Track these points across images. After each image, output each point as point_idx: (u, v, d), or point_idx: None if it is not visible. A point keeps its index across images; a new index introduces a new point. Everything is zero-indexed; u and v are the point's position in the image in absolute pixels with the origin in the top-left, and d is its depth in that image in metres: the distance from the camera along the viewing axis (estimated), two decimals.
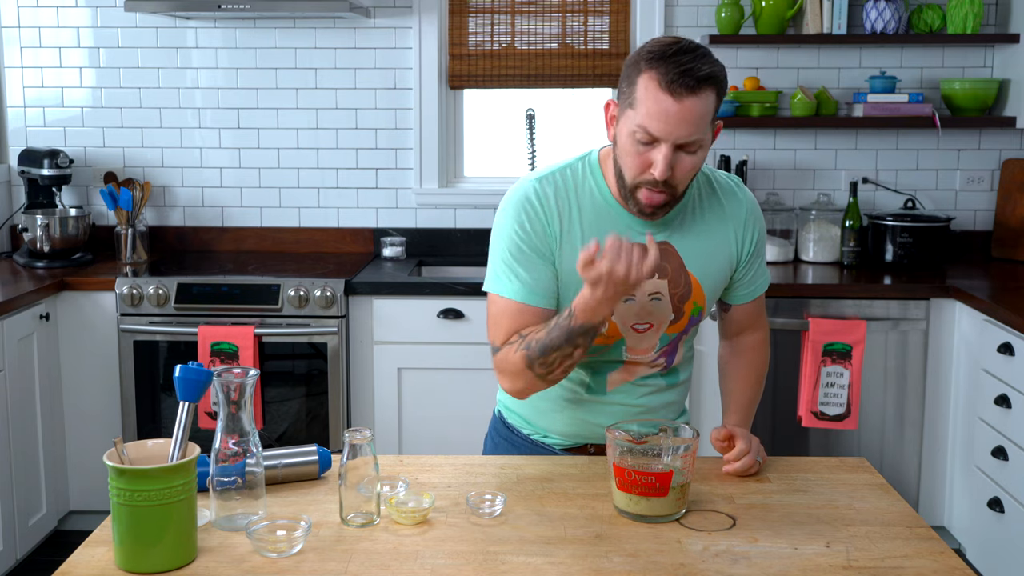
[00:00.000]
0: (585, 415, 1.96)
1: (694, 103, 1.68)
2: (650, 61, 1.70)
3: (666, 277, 1.85)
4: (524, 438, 2.04)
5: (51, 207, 3.92)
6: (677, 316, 1.88)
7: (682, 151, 1.73)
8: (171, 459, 1.53)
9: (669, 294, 1.86)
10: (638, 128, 1.71)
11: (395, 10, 3.94)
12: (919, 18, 3.81)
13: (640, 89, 1.70)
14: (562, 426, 1.98)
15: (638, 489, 1.64)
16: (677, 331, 1.90)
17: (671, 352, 1.94)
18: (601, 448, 1.98)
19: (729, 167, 3.82)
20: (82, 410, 3.57)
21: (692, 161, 1.74)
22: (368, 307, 3.48)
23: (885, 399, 3.49)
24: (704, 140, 1.74)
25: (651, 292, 1.85)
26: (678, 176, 1.75)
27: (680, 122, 1.69)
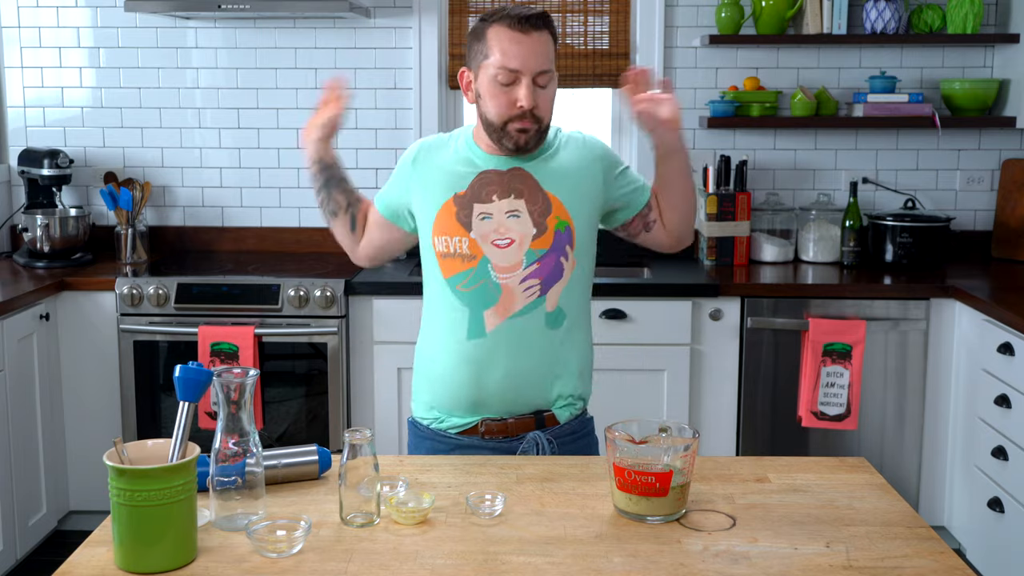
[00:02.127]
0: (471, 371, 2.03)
1: (540, 37, 1.98)
2: (491, 18, 2.00)
3: (522, 197, 2.04)
4: (427, 430, 2.12)
5: (51, 207, 3.92)
6: (540, 230, 2.04)
7: (537, 85, 1.98)
8: (171, 459, 1.53)
9: (528, 211, 2.04)
10: (499, 71, 1.98)
11: (395, 10, 3.94)
12: (919, 18, 3.81)
13: (491, 39, 1.99)
14: (453, 393, 2.06)
15: (638, 489, 1.64)
16: (545, 246, 2.04)
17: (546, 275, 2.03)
18: (491, 427, 2.06)
19: (729, 167, 3.82)
20: (82, 410, 3.57)
21: (548, 93, 2.02)
22: (368, 307, 3.48)
23: (885, 399, 3.49)
24: (552, 75, 2.01)
25: (508, 210, 2.04)
26: (541, 106, 2.00)
27: (533, 53, 1.97)
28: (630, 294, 3.42)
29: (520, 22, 1.97)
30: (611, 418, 3.56)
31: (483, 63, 2.01)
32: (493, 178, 2.05)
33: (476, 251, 2.03)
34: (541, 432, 2.06)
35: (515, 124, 1.99)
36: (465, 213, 2.04)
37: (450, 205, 2.06)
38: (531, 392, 2.05)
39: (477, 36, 2.03)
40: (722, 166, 3.83)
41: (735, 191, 3.80)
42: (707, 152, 3.97)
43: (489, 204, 2.04)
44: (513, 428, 2.06)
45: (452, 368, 2.05)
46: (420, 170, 2.12)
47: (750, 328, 3.44)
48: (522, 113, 1.98)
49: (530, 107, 1.97)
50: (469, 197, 2.05)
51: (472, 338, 2.03)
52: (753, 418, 3.50)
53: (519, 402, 2.05)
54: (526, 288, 2.02)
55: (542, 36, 1.98)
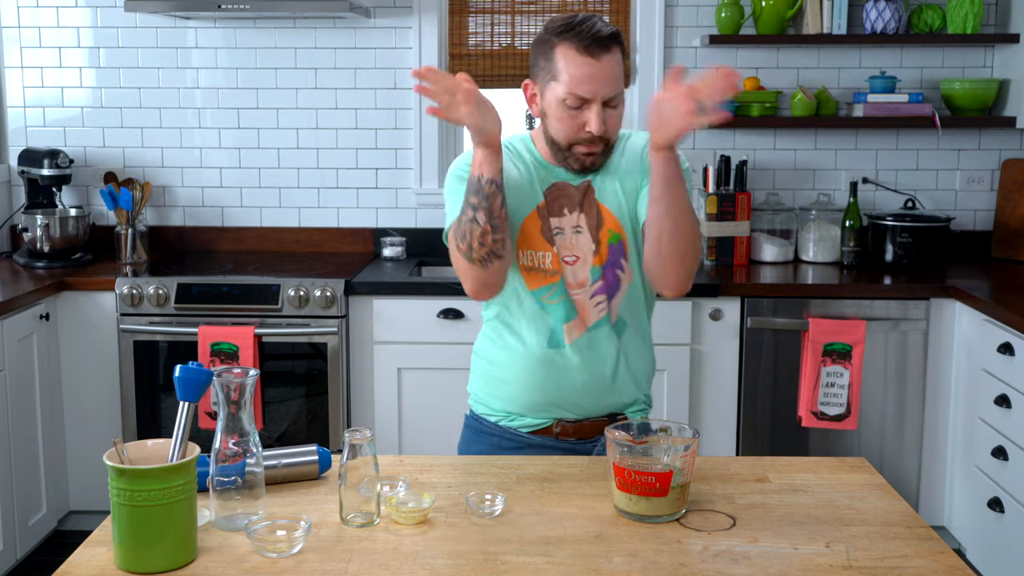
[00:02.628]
0: (549, 378, 2.01)
1: (610, 60, 1.90)
2: (560, 35, 1.90)
3: (583, 211, 2.00)
4: (492, 426, 2.09)
5: (51, 207, 3.92)
6: (596, 246, 1.99)
7: (608, 107, 1.91)
8: (171, 459, 1.53)
9: (587, 226, 2.00)
10: (568, 95, 1.89)
11: (395, 10, 3.94)
12: (919, 18, 3.81)
13: (560, 61, 1.90)
14: (529, 396, 2.03)
15: (638, 489, 1.64)
16: (600, 262, 1.99)
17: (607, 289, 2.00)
18: (566, 428, 2.04)
19: (729, 167, 3.82)
20: (82, 410, 3.57)
21: (617, 114, 1.94)
22: (368, 307, 3.48)
23: (885, 399, 3.49)
24: (622, 94, 1.94)
25: (574, 225, 2.00)
26: (610, 129, 1.93)
27: (603, 80, 1.89)
28: None
29: (590, 46, 1.87)
30: None
31: (551, 83, 1.92)
32: (566, 190, 2.00)
33: (557, 266, 1.99)
34: None
35: (582, 147, 1.94)
36: (548, 227, 1.99)
37: (535, 218, 1.99)
38: (606, 399, 2.05)
39: (544, 52, 1.93)
40: (722, 166, 3.83)
41: (735, 191, 3.80)
42: (707, 152, 3.97)
43: (561, 218, 2.00)
44: (588, 430, 2.05)
45: (529, 373, 2.03)
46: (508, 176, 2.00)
47: (750, 328, 3.44)
48: (590, 138, 1.92)
49: (599, 133, 1.91)
50: (547, 210, 2.00)
51: (552, 347, 2.01)
52: (753, 418, 3.50)
53: (595, 407, 2.05)
54: (596, 304, 2.00)
55: (613, 58, 1.90)
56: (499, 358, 2.07)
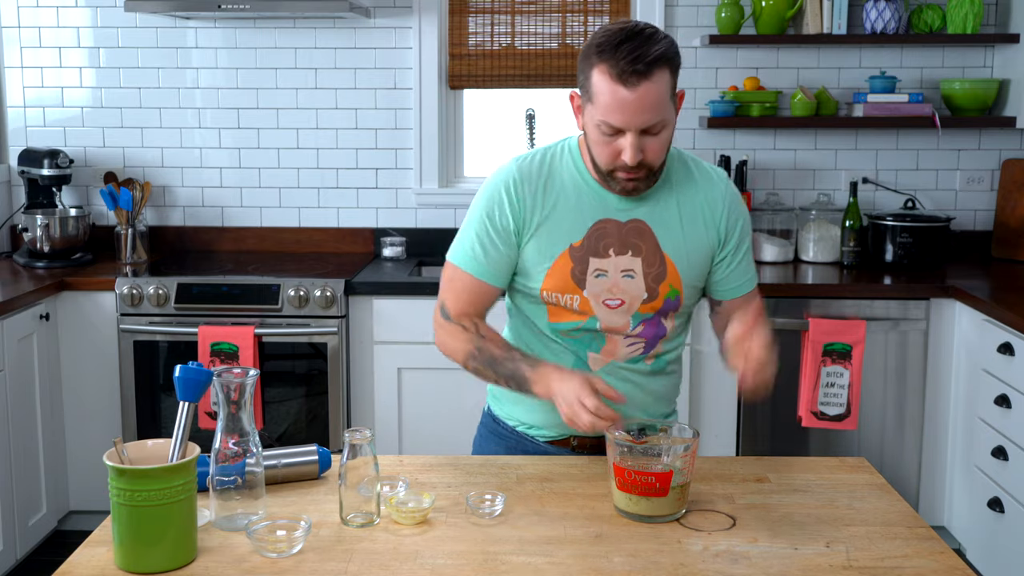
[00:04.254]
0: None
1: (648, 88, 1.73)
2: (600, 54, 1.74)
3: (640, 256, 1.88)
4: (510, 430, 2.06)
5: (51, 207, 3.92)
6: (651, 296, 1.90)
7: (647, 134, 1.77)
8: (171, 459, 1.53)
9: (643, 273, 1.89)
10: (601, 122, 1.76)
11: (395, 10, 3.94)
12: (919, 18, 3.81)
13: (595, 83, 1.75)
14: (544, 413, 1.97)
15: (638, 489, 1.64)
16: (652, 311, 1.91)
17: (650, 335, 1.93)
18: (584, 442, 1.99)
19: (729, 167, 3.82)
20: (82, 410, 3.57)
21: (659, 141, 1.79)
22: (368, 307, 3.48)
23: (885, 399, 3.49)
24: (667, 119, 1.78)
25: (624, 269, 1.88)
26: (650, 156, 1.79)
27: (638, 110, 1.73)
28: None
29: (624, 73, 1.71)
30: None
31: (588, 105, 1.79)
32: (611, 230, 1.87)
33: (586, 309, 1.89)
34: None
35: (621, 174, 1.81)
36: (580, 269, 1.87)
37: (566, 258, 1.87)
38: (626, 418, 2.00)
39: (584, 68, 1.79)
40: (722, 166, 3.83)
41: None
42: (707, 152, 3.97)
43: (605, 260, 1.87)
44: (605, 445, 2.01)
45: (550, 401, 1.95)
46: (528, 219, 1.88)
47: None
48: (627, 166, 1.78)
49: (633, 163, 1.77)
50: (585, 250, 1.87)
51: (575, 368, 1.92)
52: (753, 418, 3.50)
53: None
54: (630, 344, 1.93)
55: (653, 85, 1.72)
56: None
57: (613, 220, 1.88)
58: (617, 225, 1.87)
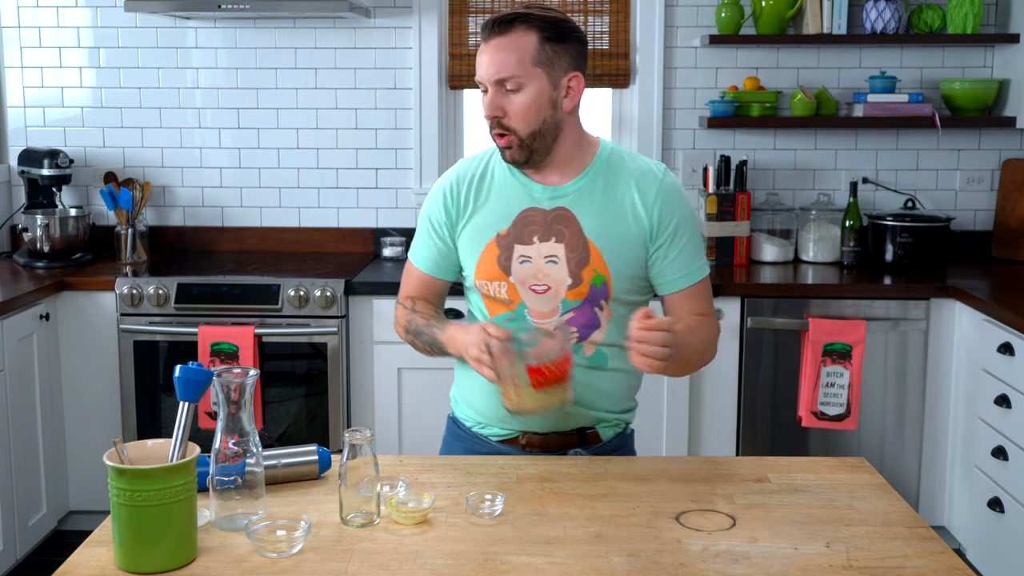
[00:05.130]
0: None
1: (500, 41, 1.85)
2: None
3: (563, 241, 1.93)
4: (467, 431, 2.08)
5: (51, 207, 3.92)
6: (575, 281, 1.94)
7: (507, 90, 1.86)
8: (171, 459, 1.53)
9: (566, 258, 1.93)
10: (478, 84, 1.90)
11: (395, 10, 3.94)
12: (919, 18, 3.81)
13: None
14: (496, 406, 1.98)
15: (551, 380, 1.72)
16: (579, 297, 1.94)
17: (581, 324, 1.95)
18: (532, 440, 2.01)
19: (729, 167, 3.82)
20: (82, 410, 3.57)
21: (520, 100, 1.87)
22: (368, 307, 3.48)
23: (885, 399, 3.49)
24: (525, 79, 1.86)
25: (547, 255, 1.94)
26: (511, 116, 1.88)
27: (491, 61, 1.85)
28: None
29: (484, 28, 1.87)
30: None
31: None
32: (536, 217, 1.94)
33: (514, 296, 1.95)
34: (583, 449, 2.01)
35: (495, 138, 1.92)
36: (506, 256, 1.95)
37: (492, 247, 1.96)
38: (573, 418, 2.00)
39: None
40: (722, 166, 3.83)
41: (735, 191, 3.80)
42: (707, 152, 3.97)
43: (529, 247, 1.94)
44: (554, 443, 2.01)
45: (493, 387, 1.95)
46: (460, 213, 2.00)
47: (750, 328, 3.44)
48: (490, 123, 1.89)
49: (488, 115, 1.87)
50: (511, 238, 1.95)
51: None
52: (753, 418, 3.50)
53: (559, 424, 2.00)
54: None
55: (507, 39, 1.85)
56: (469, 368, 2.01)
57: (539, 209, 1.95)
58: (542, 213, 1.94)
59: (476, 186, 2.00)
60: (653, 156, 3.95)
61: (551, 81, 1.88)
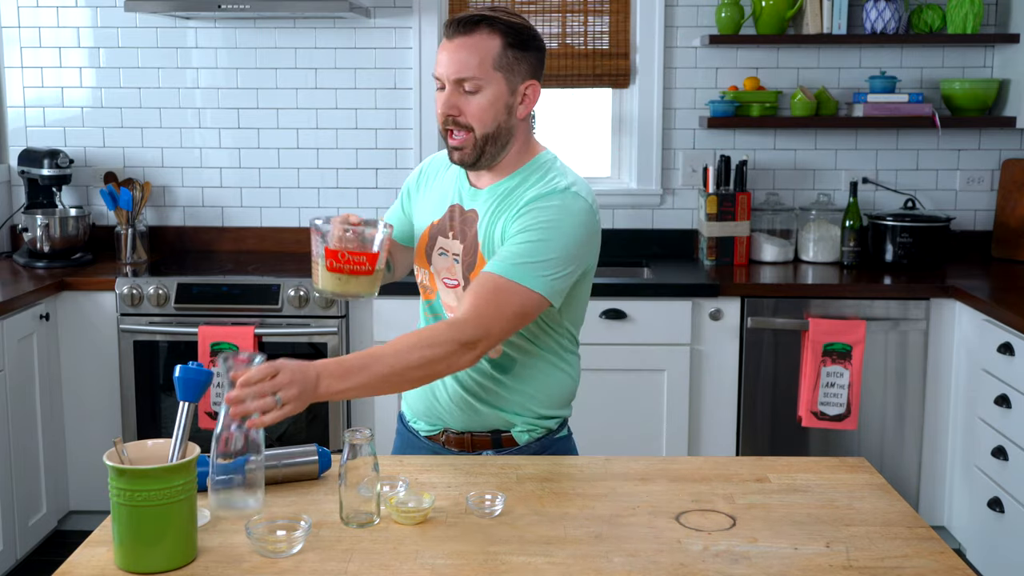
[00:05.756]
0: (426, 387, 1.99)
1: (464, 41, 1.84)
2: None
3: (463, 242, 1.95)
4: (406, 426, 2.11)
5: (51, 207, 3.92)
6: (465, 283, 1.95)
7: (465, 91, 1.85)
8: (171, 459, 1.53)
9: (462, 260, 1.96)
10: (434, 78, 1.90)
11: (395, 10, 3.94)
12: (919, 18, 3.81)
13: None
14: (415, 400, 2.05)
15: (348, 269, 1.77)
16: None
17: None
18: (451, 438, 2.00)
19: (729, 167, 3.82)
20: (82, 410, 3.57)
21: (476, 101, 1.85)
22: (368, 307, 3.48)
23: (885, 399, 3.49)
24: (484, 81, 1.85)
25: (455, 252, 1.97)
26: (468, 116, 1.86)
27: (451, 60, 1.85)
28: (630, 294, 3.42)
29: (448, 27, 1.87)
30: (610, 417, 3.55)
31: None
32: (456, 214, 1.97)
33: (432, 285, 2.01)
34: (496, 452, 1.99)
35: (448, 137, 1.90)
36: (430, 246, 2.00)
37: (426, 235, 2.02)
38: (485, 417, 1.98)
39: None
40: (722, 166, 3.83)
41: (735, 191, 3.80)
42: (707, 152, 3.97)
43: (447, 240, 1.97)
44: (470, 444, 2.00)
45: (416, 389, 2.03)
46: (418, 191, 2.09)
47: (750, 328, 3.44)
48: (445, 120, 1.88)
49: (441, 111, 1.87)
50: (438, 229, 1.99)
51: None
52: (753, 418, 3.50)
53: (474, 423, 1.99)
54: None
55: (470, 40, 1.84)
56: None
57: (460, 206, 1.98)
58: (461, 211, 1.97)
59: (435, 173, 2.07)
60: (653, 156, 3.95)
61: (509, 86, 1.87)
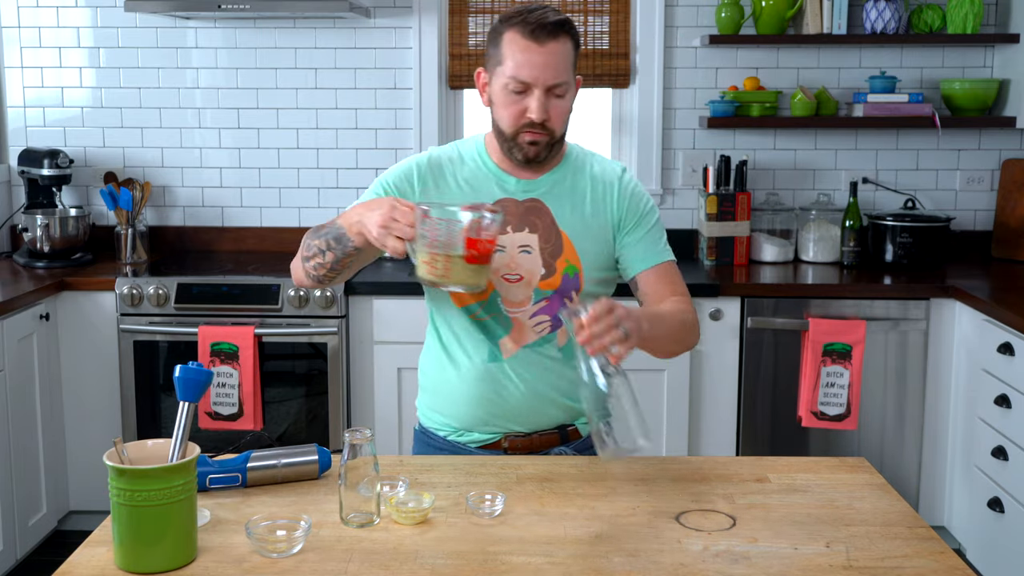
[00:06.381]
0: (492, 390, 1.99)
1: (555, 47, 1.88)
2: (508, 21, 1.91)
3: (536, 232, 1.97)
4: (442, 441, 2.08)
5: (51, 207, 3.92)
6: (548, 271, 1.97)
7: (552, 95, 1.91)
8: (171, 459, 1.53)
9: (539, 248, 1.97)
10: (510, 80, 1.90)
11: (395, 10, 3.94)
12: (919, 18, 3.81)
13: (506, 44, 1.90)
14: (473, 411, 2.01)
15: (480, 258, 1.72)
16: (551, 287, 1.97)
17: (553, 313, 1.97)
18: (515, 443, 2.02)
19: (729, 167, 3.82)
20: (82, 410, 3.57)
21: (563, 104, 1.93)
22: (368, 307, 3.48)
23: (885, 399, 3.49)
24: (569, 85, 1.93)
25: (520, 244, 1.97)
26: (553, 120, 1.92)
27: (546, 66, 1.88)
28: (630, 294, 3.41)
29: (535, 31, 1.87)
30: None
31: (497, 68, 1.93)
32: (509, 207, 1.97)
33: (488, 286, 1.95)
34: (566, 446, 2.03)
35: (525, 135, 1.92)
36: None
37: None
38: (552, 411, 2.02)
39: (493, 39, 1.94)
40: (722, 166, 3.83)
41: (735, 191, 3.80)
42: (707, 152, 3.97)
43: (503, 236, 1.95)
44: (537, 443, 2.02)
45: (471, 386, 2.01)
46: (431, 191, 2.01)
47: (750, 328, 3.44)
48: (531, 123, 1.91)
49: (540, 119, 1.90)
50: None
51: (491, 361, 1.99)
52: (753, 418, 3.50)
53: (542, 420, 2.02)
54: (536, 324, 1.97)
55: (559, 45, 1.88)
56: (444, 374, 2.06)
57: (511, 200, 1.98)
58: (515, 203, 1.98)
59: (445, 171, 2.02)
60: (653, 156, 3.96)
61: (576, 86, 1.97)
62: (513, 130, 1.93)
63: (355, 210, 1.87)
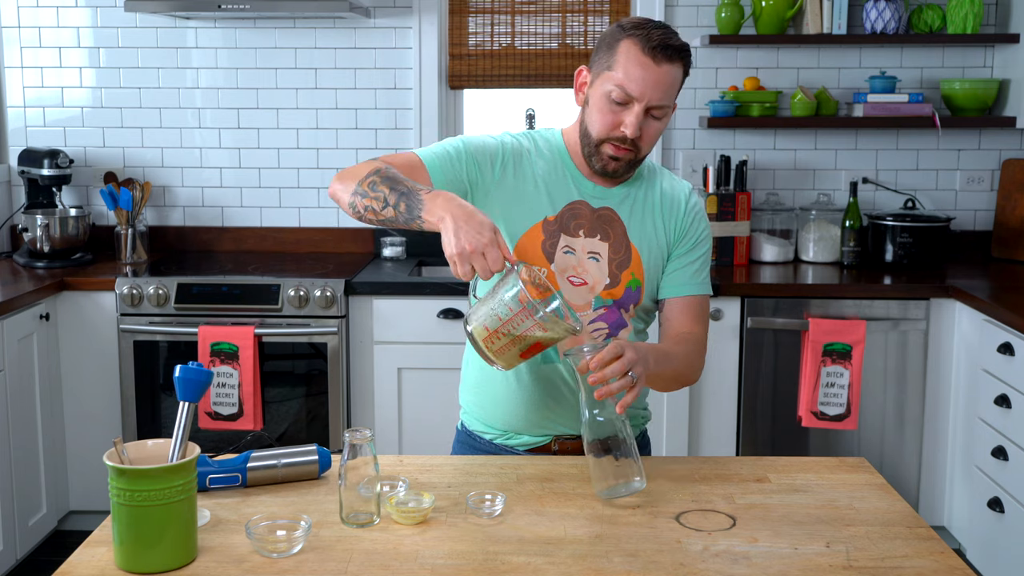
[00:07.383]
0: (546, 391, 1.97)
1: (669, 70, 1.86)
2: (632, 30, 1.86)
3: (608, 241, 1.96)
4: (487, 444, 2.06)
5: (51, 207, 3.92)
6: (612, 282, 1.96)
7: (650, 115, 1.88)
8: (171, 459, 1.53)
9: (608, 258, 1.96)
10: (616, 87, 1.85)
11: (395, 10, 3.94)
12: (919, 18, 3.81)
13: (621, 52, 1.86)
14: (526, 413, 1.98)
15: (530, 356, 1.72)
16: (612, 297, 1.96)
17: (611, 322, 1.96)
18: (564, 445, 2.00)
19: (729, 167, 3.82)
20: (82, 410, 3.57)
21: (657, 126, 1.90)
22: (368, 307, 3.48)
23: (885, 399, 3.49)
24: (668, 109, 1.90)
25: (590, 251, 1.95)
26: (644, 137, 1.89)
27: (656, 85, 1.85)
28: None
29: (655, 49, 1.83)
30: None
31: (604, 72, 1.87)
32: (584, 211, 1.95)
33: (553, 283, 1.92)
34: None
35: (610, 146, 1.89)
36: (551, 243, 1.93)
37: (538, 231, 1.93)
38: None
39: (609, 43, 1.88)
40: (722, 166, 3.83)
41: (735, 191, 3.80)
42: (707, 152, 3.97)
43: (575, 239, 1.94)
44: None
45: (525, 388, 1.98)
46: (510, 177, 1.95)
47: (750, 328, 3.44)
48: (622, 137, 1.87)
49: (632, 136, 1.86)
50: (558, 226, 1.94)
51: (545, 362, 1.96)
52: (753, 418, 3.50)
53: None
54: (594, 329, 1.96)
55: (673, 69, 1.86)
56: (495, 375, 2.00)
57: (586, 203, 1.96)
58: (590, 208, 1.96)
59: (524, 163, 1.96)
60: (653, 156, 3.95)
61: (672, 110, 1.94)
62: (601, 138, 1.89)
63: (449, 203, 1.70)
